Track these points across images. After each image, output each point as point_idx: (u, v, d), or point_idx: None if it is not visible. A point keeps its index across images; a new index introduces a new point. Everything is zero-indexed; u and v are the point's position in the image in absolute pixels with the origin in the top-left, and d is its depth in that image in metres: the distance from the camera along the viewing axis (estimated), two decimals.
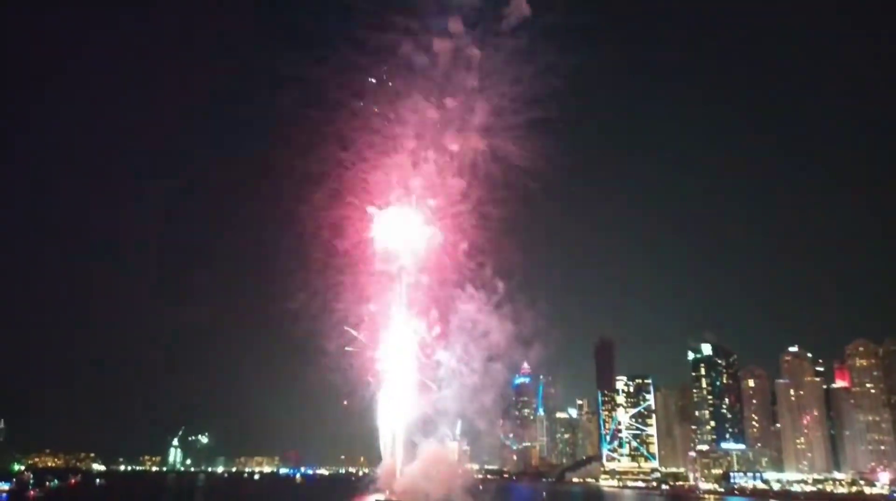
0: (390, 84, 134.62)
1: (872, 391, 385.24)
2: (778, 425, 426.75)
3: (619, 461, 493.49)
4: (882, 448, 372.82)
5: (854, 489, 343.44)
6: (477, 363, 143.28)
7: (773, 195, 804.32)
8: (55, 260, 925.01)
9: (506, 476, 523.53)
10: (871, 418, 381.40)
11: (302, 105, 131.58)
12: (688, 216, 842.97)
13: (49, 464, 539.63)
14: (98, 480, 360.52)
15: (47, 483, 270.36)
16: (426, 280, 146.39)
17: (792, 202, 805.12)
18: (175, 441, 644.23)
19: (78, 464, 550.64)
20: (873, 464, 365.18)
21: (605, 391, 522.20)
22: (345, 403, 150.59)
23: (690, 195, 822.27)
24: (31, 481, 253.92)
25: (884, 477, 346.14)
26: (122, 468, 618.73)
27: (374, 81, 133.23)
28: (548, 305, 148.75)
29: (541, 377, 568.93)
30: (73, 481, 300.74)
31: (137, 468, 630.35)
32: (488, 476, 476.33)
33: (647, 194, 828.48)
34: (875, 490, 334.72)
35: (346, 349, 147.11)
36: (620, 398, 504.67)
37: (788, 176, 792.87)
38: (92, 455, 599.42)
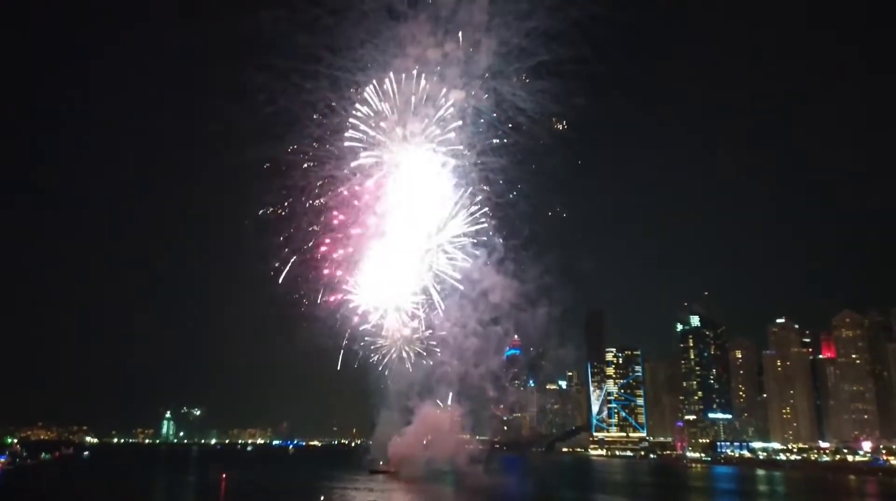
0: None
1: (857, 361, 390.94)
2: (764, 395, 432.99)
3: (607, 430, 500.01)
4: (865, 417, 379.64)
5: (837, 457, 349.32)
6: (475, 324, 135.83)
7: (763, 167, 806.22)
8: (46, 236, 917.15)
9: (496, 445, 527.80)
10: (855, 388, 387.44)
11: (287, 28, 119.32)
12: (677, 187, 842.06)
13: (42, 437, 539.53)
14: (85, 453, 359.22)
15: (41, 456, 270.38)
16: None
17: (781, 174, 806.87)
18: (168, 414, 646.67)
19: (70, 437, 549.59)
20: (856, 433, 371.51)
21: (595, 363, 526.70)
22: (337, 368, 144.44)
23: (680, 167, 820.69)
24: (24, 454, 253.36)
25: (866, 445, 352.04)
26: (115, 440, 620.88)
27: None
28: (556, 258, 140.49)
29: (531, 348, 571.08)
30: (57, 454, 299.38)
31: (130, 440, 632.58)
32: (480, 447, 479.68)
33: (637, 165, 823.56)
34: (857, 458, 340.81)
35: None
36: (610, 369, 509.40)
37: (779, 148, 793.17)
38: (85, 427, 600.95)
